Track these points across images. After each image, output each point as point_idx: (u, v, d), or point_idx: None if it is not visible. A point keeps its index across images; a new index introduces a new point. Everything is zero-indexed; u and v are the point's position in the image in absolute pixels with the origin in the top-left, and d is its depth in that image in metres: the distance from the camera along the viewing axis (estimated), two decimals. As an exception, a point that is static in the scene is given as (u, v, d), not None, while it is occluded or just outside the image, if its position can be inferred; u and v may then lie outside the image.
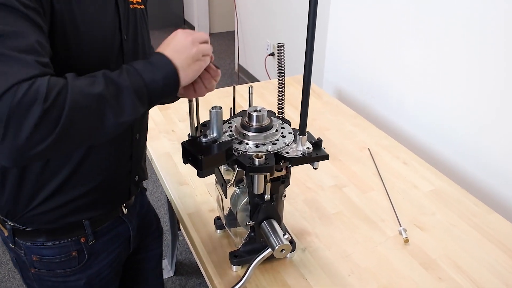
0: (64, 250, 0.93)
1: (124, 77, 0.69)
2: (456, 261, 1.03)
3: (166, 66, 0.73)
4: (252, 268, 0.90)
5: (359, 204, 1.20)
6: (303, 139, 0.85)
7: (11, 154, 0.60)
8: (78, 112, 0.62)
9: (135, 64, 0.72)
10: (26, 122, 0.58)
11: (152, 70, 0.72)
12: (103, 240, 0.98)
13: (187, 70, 0.75)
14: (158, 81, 0.72)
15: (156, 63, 0.73)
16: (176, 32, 0.77)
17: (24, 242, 0.92)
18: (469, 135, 1.45)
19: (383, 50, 1.76)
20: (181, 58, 0.74)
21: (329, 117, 1.64)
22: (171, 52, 0.74)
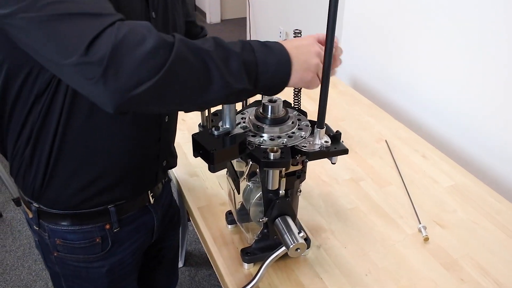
0: (88, 236, 0.92)
1: (237, 46, 0.66)
2: (479, 262, 0.98)
3: (281, 54, 0.70)
4: (265, 267, 0.86)
5: (376, 199, 1.15)
6: (321, 132, 0.80)
7: (112, 95, 0.58)
8: (183, 63, 0.60)
9: (249, 41, 0.69)
10: (130, 60, 0.57)
11: (266, 52, 0.69)
12: (128, 229, 0.97)
13: (299, 72, 0.71)
14: (270, 65, 0.68)
15: (272, 47, 0.70)
16: (306, 36, 0.75)
17: (48, 225, 0.91)
18: (492, 128, 1.38)
19: (401, 37, 1.69)
20: (299, 58, 0.71)
21: (344, 107, 1.59)
22: (291, 47, 0.71)
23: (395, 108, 1.79)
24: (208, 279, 1.91)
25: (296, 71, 0.71)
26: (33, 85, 0.74)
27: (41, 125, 0.78)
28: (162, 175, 1.01)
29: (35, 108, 0.76)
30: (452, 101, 1.51)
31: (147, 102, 0.60)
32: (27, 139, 0.80)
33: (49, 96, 0.75)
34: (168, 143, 0.98)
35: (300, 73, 0.71)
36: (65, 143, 0.80)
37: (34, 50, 0.61)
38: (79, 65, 0.57)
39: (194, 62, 0.61)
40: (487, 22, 1.32)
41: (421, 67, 1.62)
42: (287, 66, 0.70)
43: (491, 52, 1.33)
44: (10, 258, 1.99)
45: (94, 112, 0.79)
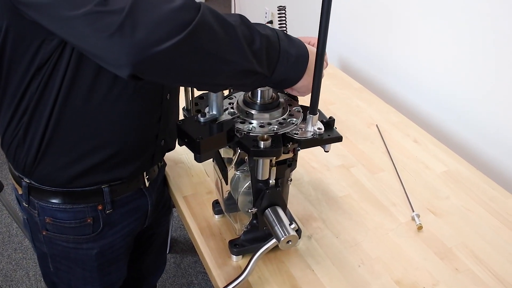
0: (79, 216, 0.89)
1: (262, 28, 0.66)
2: (474, 250, 0.95)
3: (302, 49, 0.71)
4: (254, 260, 0.82)
5: (368, 186, 1.11)
6: (314, 118, 0.75)
7: (129, 50, 0.53)
8: (208, 29, 0.57)
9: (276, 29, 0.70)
10: (153, 13, 0.53)
11: (289, 43, 0.70)
12: (120, 211, 0.93)
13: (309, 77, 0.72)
14: (290, 56, 0.69)
15: (294, 40, 0.71)
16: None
17: (39, 202, 0.87)
18: (486, 113, 1.35)
19: (392, 18, 1.64)
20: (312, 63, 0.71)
21: (334, 90, 1.54)
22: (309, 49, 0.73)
23: (386, 91, 1.75)
24: (194, 266, 1.87)
25: (308, 74, 0.72)
26: (34, 56, 0.70)
27: (39, 99, 0.74)
28: (159, 157, 0.97)
29: (34, 81, 0.73)
30: (444, 84, 1.48)
31: (165, 66, 0.56)
32: (23, 112, 0.77)
33: (49, 70, 0.71)
34: (167, 123, 0.94)
35: (309, 77, 0.71)
36: (63, 119, 0.77)
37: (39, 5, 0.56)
38: (93, 15, 0.52)
39: (218, 31, 0.59)
40: (477, 5, 1.27)
41: (412, 49, 1.58)
42: (305, 63, 0.71)
43: (483, 34, 1.29)
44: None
45: (96, 88, 0.75)
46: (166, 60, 0.55)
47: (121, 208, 0.93)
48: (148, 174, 0.96)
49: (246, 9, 3.46)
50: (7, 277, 1.80)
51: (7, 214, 2.05)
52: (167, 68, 0.57)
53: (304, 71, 0.72)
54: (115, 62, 0.55)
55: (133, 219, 0.98)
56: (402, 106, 1.66)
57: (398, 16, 1.61)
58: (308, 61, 0.71)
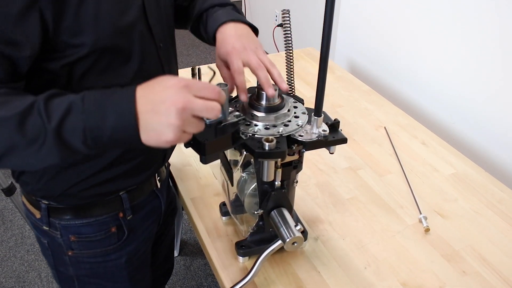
0: (103, 227, 0.88)
1: (56, 114, 0.57)
2: (482, 253, 0.95)
3: (125, 118, 0.58)
4: (260, 262, 0.82)
5: (376, 188, 1.11)
6: (319, 120, 0.76)
7: None
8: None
9: (88, 95, 0.59)
10: None
11: (104, 114, 0.58)
12: (140, 215, 0.94)
13: (153, 135, 0.59)
14: (105, 129, 0.58)
15: (114, 106, 0.58)
16: (173, 83, 0.60)
17: (60, 222, 0.85)
18: (494, 115, 1.34)
19: (400, 21, 1.64)
20: (154, 120, 0.58)
21: (342, 92, 1.54)
22: (148, 104, 0.58)
23: (394, 93, 1.75)
24: (204, 268, 1.88)
25: (148, 137, 0.59)
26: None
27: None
28: (169, 156, 0.98)
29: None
30: (452, 86, 1.47)
31: None
32: None
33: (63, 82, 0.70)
34: None
35: (153, 139, 0.59)
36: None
37: None
38: None
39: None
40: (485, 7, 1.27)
41: (420, 51, 1.57)
42: (130, 134, 0.59)
43: (490, 36, 1.28)
44: (2, 248, 1.95)
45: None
46: None
47: (140, 212, 0.93)
48: (159, 175, 0.97)
49: (257, 13, 3.47)
50: (19, 278, 1.82)
51: (19, 216, 2.08)
52: None
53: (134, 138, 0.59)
54: None
55: (151, 222, 0.99)
56: (410, 109, 1.65)
57: (406, 18, 1.61)
58: (134, 127, 0.58)
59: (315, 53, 1.80)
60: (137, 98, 0.59)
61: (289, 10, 0.76)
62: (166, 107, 0.58)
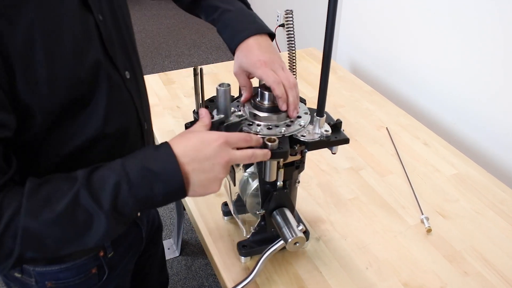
0: (83, 269, 0.82)
1: (105, 197, 0.56)
2: (483, 253, 0.95)
3: (173, 184, 0.59)
4: (262, 261, 0.83)
5: (377, 188, 1.11)
6: (321, 120, 0.76)
7: None
8: (34, 241, 0.55)
9: (130, 167, 0.58)
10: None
11: (152, 183, 0.58)
12: (120, 250, 0.88)
13: (199, 191, 0.62)
14: (156, 197, 0.59)
15: (162, 174, 0.58)
16: (213, 138, 0.62)
17: (35, 268, 0.78)
18: (496, 115, 1.34)
19: (401, 21, 1.64)
20: (199, 178, 0.61)
21: (344, 93, 1.54)
22: (189, 163, 0.60)
23: (396, 94, 1.75)
24: (205, 268, 1.88)
25: (194, 192, 0.62)
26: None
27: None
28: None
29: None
30: (453, 86, 1.47)
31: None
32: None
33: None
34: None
35: (198, 193, 0.62)
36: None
37: None
38: None
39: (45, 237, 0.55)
40: (486, 7, 1.27)
41: (421, 51, 1.58)
42: (179, 194, 0.61)
43: (491, 36, 1.28)
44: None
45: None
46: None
47: (120, 246, 0.88)
48: None
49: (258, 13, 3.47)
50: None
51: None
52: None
53: (183, 195, 0.61)
54: None
55: (132, 253, 0.94)
56: (411, 109, 1.65)
57: (407, 19, 1.61)
58: (183, 190, 0.60)
59: (317, 53, 1.80)
60: (178, 158, 0.59)
61: (292, 11, 0.76)
62: (212, 164, 0.61)
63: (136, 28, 3.95)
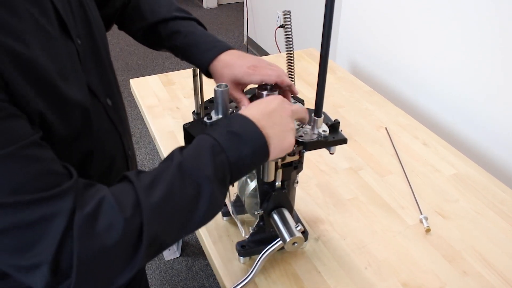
0: None
1: (206, 161, 0.58)
2: (483, 253, 0.95)
3: (255, 142, 0.61)
4: (260, 262, 0.83)
5: (377, 189, 1.11)
6: (319, 121, 0.76)
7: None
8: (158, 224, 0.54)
9: (217, 134, 0.60)
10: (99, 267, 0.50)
11: (239, 145, 0.60)
12: None
13: (278, 148, 0.64)
14: (245, 159, 0.61)
15: (244, 135, 0.61)
16: (272, 97, 0.68)
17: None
18: (495, 114, 1.34)
19: (401, 21, 1.64)
20: (275, 132, 0.64)
21: (343, 93, 1.54)
22: (263, 118, 0.63)
23: (395, 94, 1.75)
24: (205, 269, 1.88)
25: (275, 148, 0.64)
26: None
27: None
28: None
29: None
30: (453, 86, 1.47)
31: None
32: None
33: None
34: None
35: (278, 147, 0.65)
36: None
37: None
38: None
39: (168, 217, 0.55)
40: (485, 7, 1.27)
41: (420, 51, 1.57)
42: (264, 151, 0.63)
43: (490, 36, 1.28)
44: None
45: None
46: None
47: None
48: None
49: (258, 14, 3.48)
50: None
51: None
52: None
53: (267, 155, 0.63)
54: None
55: None
56: (411, 109, 1.65)
57: (407, 19, 1.61)
58: (267, 146, 0.62)
59: (316, 54, 1.80)
60: (250, 118, 0.63)
61: (290, 11, 0.76)
62: (280, 116, 0.65)
63: (137, 29, 3.95)
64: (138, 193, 0.53)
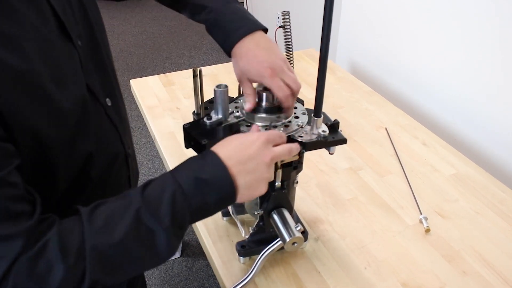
0: None
1: (165, 211, 0.56)
2: (482, 253, 0.95)
3: (225, 188, 0.59)
4: (260, 262, 0.83)
5: (376, 189, 1.12)
6: (319, 121, 0.76)
7: None
8: (103, 271, 0.53)
9: (184, 179, 0.58)
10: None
11: (205, 192, 0.58)
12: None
13: (246, 194, 0.62)
14: (209, 205, 0.59)
15: (213, 181, 0.59)
16: (254, 137, 0.64)
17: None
18: (495, 114, 1.34)
19: (401, 22, 1.64)
20: (246, 180, 0.61)
21: (343, 93, 1.55)
22: (235, 165, 0.60)
23: (395, 94, 1.75)
24: (206, 269, 1.89)
25: (243, 196, 0.62)
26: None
27: None
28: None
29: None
30: (452, 86, 1.47)
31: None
32: None
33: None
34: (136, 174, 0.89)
35: (247, 195, 0.63)
36: None
37: None
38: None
39: (111, 257, 0.54)
40: (485, 7, 1.27)
41: (420, 51, 1.58)
42: (232, 198, 0.61)
43: (490, 36, 1.28)
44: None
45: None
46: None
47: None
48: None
49: (259, 14, 3.48)
50: None
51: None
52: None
53: (233, 200, 0.62)
54: None
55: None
56: (411, 109, 1.66)
57: (407, 20, 1.61)
58: (234, 193, 0.60)
59: (316, 54, 1.80)
60: (224, 162, 0.60)
61: (289, 12, 0.76)
62: (256, 164, 0.62)
63: (137, 29, 3.96)
64: (85, 238, 0.52)
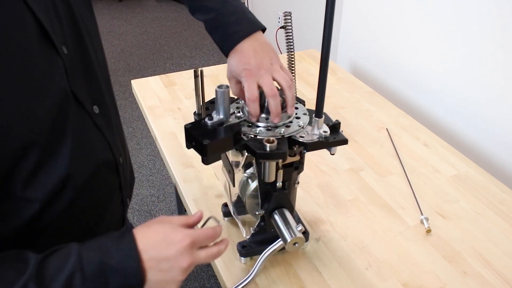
0: None
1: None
2: (483, 254, 0.95)
3: (131, 281, 0.55)
4: (261, 262, 0.83)
5: (377, 189, 1.12)
6: (320, 121, 0.76)
7: None
8: None
9: (89, 259, 0.54)
10: None
11: (108, 279, 0.54)
12: None
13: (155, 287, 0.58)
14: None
15: (121, 270, 0.55)
16: (179, 240, 0.59)
17: None
18: (496, 115, 1.34)
19: (402, 22, 1.64)
20: (159, 277, 0.57)
21: (344, 94, 1.55)
22: (154, 261, 0.57)
23: (396, 94, 1.75)
24: (206, 269, 1.89)
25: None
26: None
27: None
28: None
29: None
30: (453, 87, 1.47)
31: None
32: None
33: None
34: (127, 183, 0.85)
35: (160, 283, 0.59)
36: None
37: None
38: None
39: None
40: (486, 9, 1.27)
41: (421, 52, 1.58)
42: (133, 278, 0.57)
43: (491, 37, 1.28)
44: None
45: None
46: None
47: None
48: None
49: (260, 14, 3.48)
50: None
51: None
52: None
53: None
54: None
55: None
56: (412, 110, 1.66)
57: (408, 20, 1.61)
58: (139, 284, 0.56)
59: (317, 54, 1.80)
60: (140, 254, 0.56)
61: (290, 12, 0.77)
62: (171, 266, 0.58)
63: (138, 30, 3.97)
64: None
